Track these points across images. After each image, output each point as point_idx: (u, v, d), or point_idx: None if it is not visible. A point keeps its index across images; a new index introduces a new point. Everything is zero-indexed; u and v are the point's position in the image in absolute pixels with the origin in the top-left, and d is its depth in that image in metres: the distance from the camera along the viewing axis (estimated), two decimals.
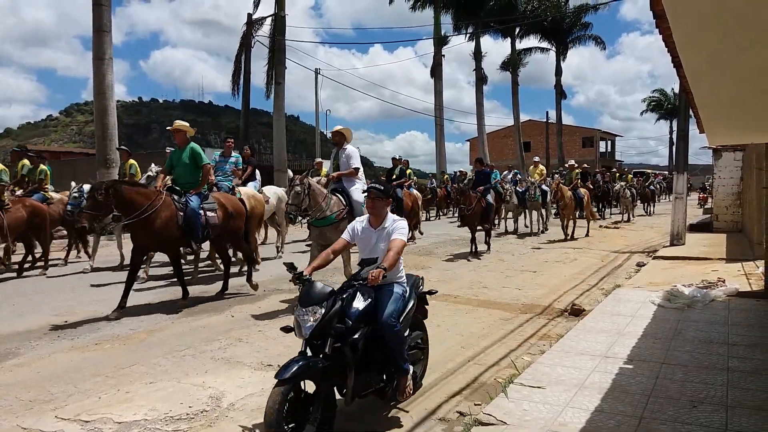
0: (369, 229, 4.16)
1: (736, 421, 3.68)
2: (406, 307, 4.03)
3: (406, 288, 4.09)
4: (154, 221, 6.99)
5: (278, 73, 25.81)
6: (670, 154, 57.64)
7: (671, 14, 2.69)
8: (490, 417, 3.78)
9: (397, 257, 3.88)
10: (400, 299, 3.94)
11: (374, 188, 4.14)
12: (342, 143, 8.06)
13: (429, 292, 4.54)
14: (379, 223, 4.14)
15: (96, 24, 16.10)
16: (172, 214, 7.23)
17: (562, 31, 40.94)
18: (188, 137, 8.02)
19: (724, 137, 9.19)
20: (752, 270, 9.28)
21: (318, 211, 7.29)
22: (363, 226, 4.21)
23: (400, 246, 3.93)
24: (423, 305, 4.49)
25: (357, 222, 4.26)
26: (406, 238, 4.04)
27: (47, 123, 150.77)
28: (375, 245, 4.10)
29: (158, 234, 7.08)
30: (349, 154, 7.96)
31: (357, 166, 7.98)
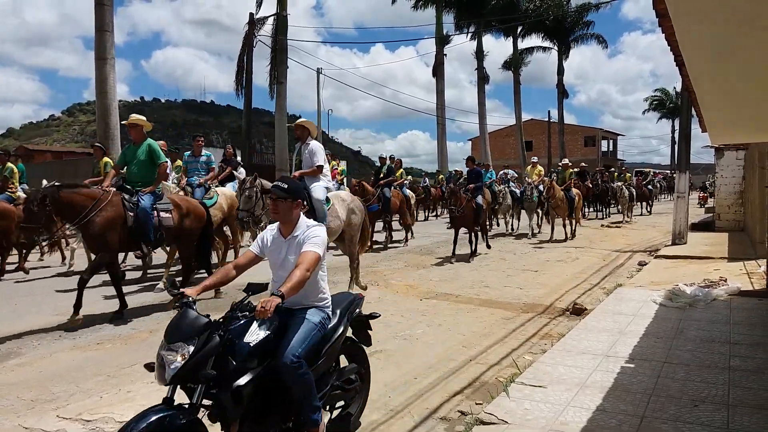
0: (279, 239, 3.43)
1: (737, 420, 3.67)
2: (329, 339, 3.37)
3: (327, 314, 3.41)
4: (98, 223, 6.44)
5: (280, 73, 25.83)
6: (672, 153, 57.59)
7: (674, 13, 2.69)
8: (492, 416, 3.78)
9: (305, 276, 3.10)
10: (315, 330, 3.24)
11: (276, 187, 3.41)
12: (305, 138, 7.53)
13: (370, 315, 3.89)
14: (290, 231, 3.39)
15: (98, 24, 16.10)
16: (119, 214, 6.65)
17: (564, 30, 40.85)
18: (145, 132, 7.47)
19: (726, 136, 9.18)
20: (754, 269, 9.27)
21: None
22: (273, 235, 3.46)
23: (311, 260, 3.17)
24: (365, 331, 3.87)
25: (268, 230, 3.52)
26: (322, 250, 3.29)
27: (49, 123, 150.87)
28: (285, 259, 3.37)
29: (102, 236, 6.50)
30: (312, 150, 7.43)
31: (320, 163, 7.43)
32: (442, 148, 34.68)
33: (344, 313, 3.57)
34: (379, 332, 6.18)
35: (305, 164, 7.47)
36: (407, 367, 5.12)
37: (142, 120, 7.55)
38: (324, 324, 3.34)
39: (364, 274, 9.86)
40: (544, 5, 37.06)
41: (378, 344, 5.75)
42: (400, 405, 4.25)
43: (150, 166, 7.26)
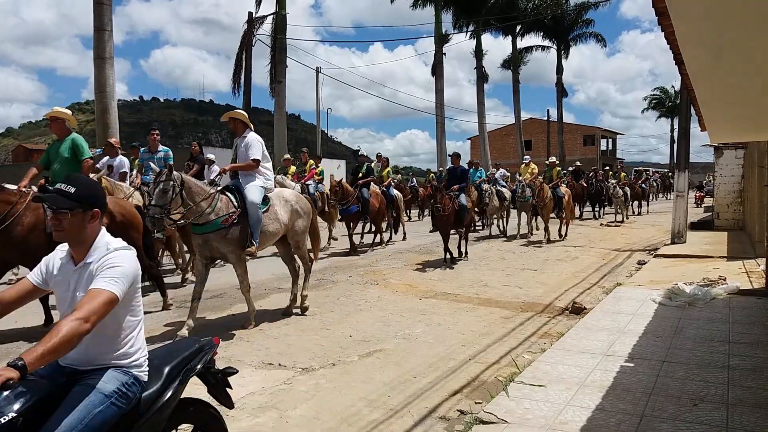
0: (68, 266, 2.45)
1: (737, 419, 3.67)
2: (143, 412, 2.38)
3: (135, 377, 2.38)
4: (14, 229, 5.75)
5: (279, 72, 25.82)
6: (671, 152, 57.60)
7: (673, 11, 2.68)
8: (491, 415, 3.78)
9: (80, 330, 2.09)
10: (103, 405, 2.22)
11: (57, 192, 2.37)
12: (241, 131, 6.76)
13: (225, 371, 2.82)
14: (82, 256, 2.40)
15: (97, 23, 16.07)
16: (39, 219, 5.87)
17: (563, 28, 40.89)
18: (69, 127, 6.80)
19: (725, 135, 9.18)
20: (753, 268, 9.27)
21: (197, 214, 5.95)
22: (62, 259, 2.48)
23: (96, 306, 2.16)
24: (222, 391, 2.80)
25: (58, 252, 2.52)
26: (120, 287, 2.26)
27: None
28: (73, 296, 2.37)
29: (20, 244, 5.78)
30: (248, 143, 6.63)
31: (256, 157, 6.56)
32: (441, 148, 34.68)
33: (178, 369, 2.55)
34: (378, 331, 6.21)
35: (240, 158, 6.71)
36: (407, 366, 5.12)
37: (65, 113, 6.88)
38: (125, 393, 2.32)
39: (363, 273, 9.87)
40: (543, 4, 37.11)
41: (377, 343, 5.77)
42: (400, 404, 4.25)
43: (74, 164, 6.59)
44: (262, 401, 4.26)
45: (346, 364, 5.14)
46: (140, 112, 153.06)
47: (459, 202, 10.91)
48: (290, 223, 6.91)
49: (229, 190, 6.48)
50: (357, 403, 4.25)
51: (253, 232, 6.26)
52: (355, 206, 12.25)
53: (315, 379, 4.74)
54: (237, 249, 6.24)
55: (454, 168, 11.84)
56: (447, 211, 10.54)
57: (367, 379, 4.76)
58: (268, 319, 6.68)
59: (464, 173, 11.82)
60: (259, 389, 4.48)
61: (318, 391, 4.48)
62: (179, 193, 5.80)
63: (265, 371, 4.92)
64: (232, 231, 6.13)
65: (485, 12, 34.63)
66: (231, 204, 6.28)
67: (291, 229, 6.96)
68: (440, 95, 34.05)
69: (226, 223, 6.09)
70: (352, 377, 4.82)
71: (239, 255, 6.30)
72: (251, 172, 6.58)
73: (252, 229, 6.26)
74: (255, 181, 6.53)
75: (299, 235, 7.08)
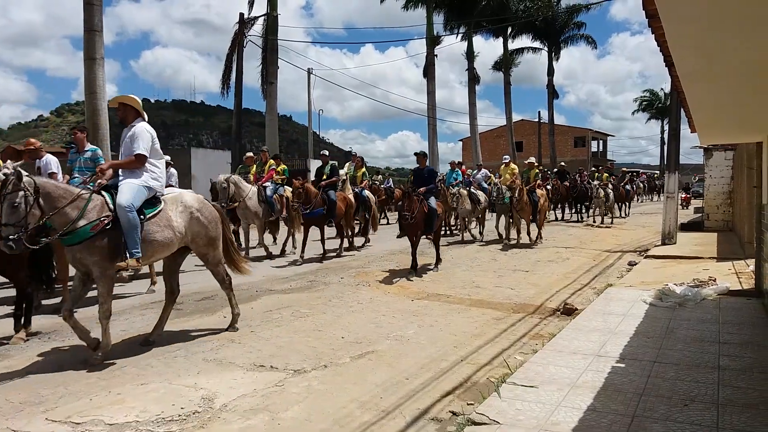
0: None
1: (727, 419, 3.69)
2: None
3: None
4: None
5: (270, 73, 25.79)
6: (662, 153, 57.95)
7: (664, 14, 2.70)
8: (483, 416, 3.78)
9: None
10: None
11: None
12: (130, 119, 5.65)
13: None
14: None
15: (87, 24, 15.98)
16: None
17: (554, 31, 41.07)
18: None
19: (715, 137, 9.25)
20: (743, 269, 9.34)
21: (65, 224, 4.92)
22: None
23: None
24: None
25: None
26: None
27: (38, 123, 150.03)
28: None
29: None
30: (134, 135, 5.51)
31: (141, 152, 5.45)
32: (432, 149, 34.69)
33: None
34: (370, 333, 6.20)
35: (124, 152, 5.58)
36: (399, 367, 5.11)
37: None
38: None
39: (356, 274, 9.86)
40: (534, 6, 37.23)
41: (369, 345, 5.76)
42: (392, 405, 4.24)
43: None
44: (253, 403, 4.24)
45: (338, 366, 5.13)
46: None
47: (428, 205, 10.07)
48: (189, 233, 5.78)
49: (107, 189, 5.36)
50: (349, 405, 4.24)
51: (128, 242, 5.12)
52: (320, 209, 11.45)
53: (307, 381, 4.73)
54: (103, 261, 5.08)
55: (420, 169, 10.77)
56: (416, 215, 9.73)
57: (359, 381, 4.76)
58: (259, 321, 6.66)
59: (431, 174, 10.79)
60: (250, 391, 4.46)
61: (310, 393, 4.47)
62: (35, 202, 4.76)
63: (256, 373, 4.90)
64: (101, 240, 5.03)
65: (477, 14, 34.71)
66: (104, 207, 5.17)
67: (192, 241, 5.86)
68: (432, 97, 34.09)
69: (96, 229, 5.00)
70: (344, 379, 4.81)
71: (105, 269, 5.12)
72: (135, 170, 5.47)
73: (126, 238, 5.12)
74: (137, 179, 5.40)
75: (205, 248, 5.97)
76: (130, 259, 5.14)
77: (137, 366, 5.08)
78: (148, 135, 5.57)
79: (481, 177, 18.04)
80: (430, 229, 10.30)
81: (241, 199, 11.56)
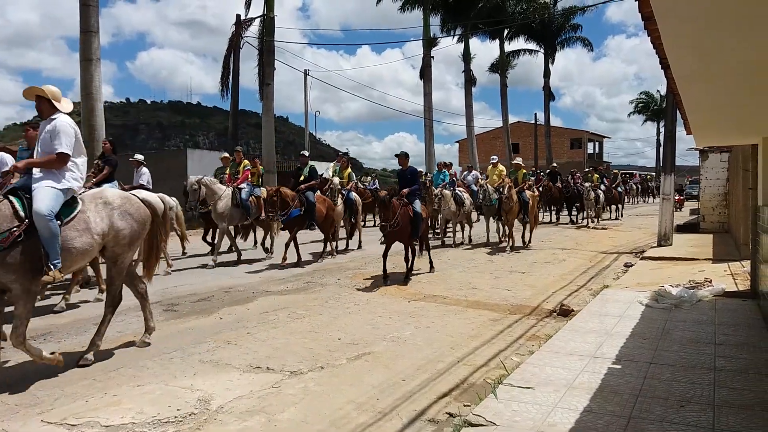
0: None
1: (723, 420, 3.70)
2: None
3: None
4: None
5: (267, 75, 25.80)
6: (657, 155, 58.19)
7: (660, 16, 2.71)
8: (480, 418, 3.78)
9: None
10: None
11: None
12: (48, 112, 5.04)
13: None
14: None
15: (83, 25, 15.97)
16: None
17: (550, 33, 41.17)
18: None
19: (711, 138, 9.27)
20: (738, 270, 9.37)
21: None
22: None
23: None
24: None
25: None
26: None
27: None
28: None
29: None
30: (55, 130, 4.92)
31: (63, 150, 4.88)
32: (429, 150, 34.73)
33: None
34: (367, 334, 6.20)
35: (42, 149, 4.97)
36: (395, 368, 5.11)
37: None
38: None
39: (352, 275, 9.86)
40: (530, 8, 37.32)
41: (366, 346, 5.76)
42: (388, 407, 4.24)
43: None
44: (249, 405, 4.24)
45: (335, 367, 5.12)
46: (127, 114, 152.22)
47: (413, 208, 9.44)
48: (110, 233, 5.18)
49: (14, 193, 4.73)
50: (345, 407, 4.24)
51: (49, 253, 4.60)
52: (296, 210, 10.78)
53: (303, 383, 4.72)
54: (23, 278, 4.53)
55: (402, 170, 10.06)
56: (401, 223, 9.11)
57: (356, 382, 4.75)
58: (256, 323, 6.65)
59: (414, 175, 10.07)
60: (247, 393, 4.45)
61: (306, 395, 4.46)
62: None
63: (253, 375, 4.90)
64: (14, 253, 4.43)
65: (473, 16, 34.77)
66: (13, 215, 4.55)
67: (114, 239, 5.23)
68: (428, 98, 34.10)
69: (6, 242, 4.39)
70: (340, 380, 4.81)
71: (27, 286, 4.57)
72: (55, 170, 4.90)
73: (47, 249, 4.60)
74: (54, 180, 4.83)
75: (120, 248, 5.31)
76: (54, 271, 4.63)
77: (133, 367, 5.06)
78: (72, 130, 5.00)
79: (471, 179, 17.67)
80: (416, 234, 9.60)
81: (213, 201, 11.17)
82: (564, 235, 16.41)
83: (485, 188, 14.00)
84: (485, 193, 13.88)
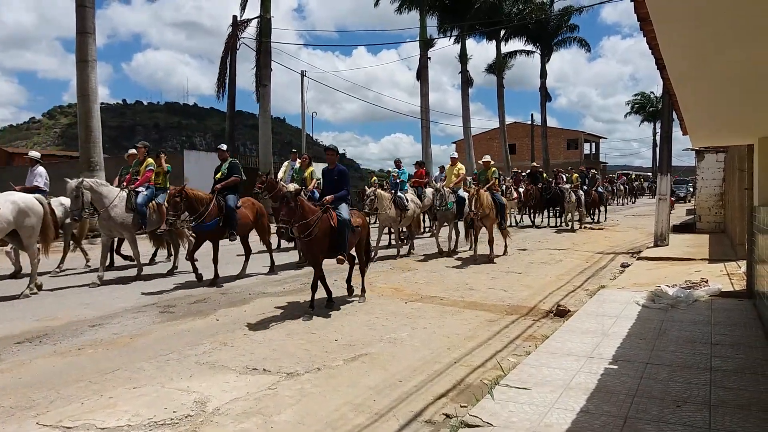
0: None
1: (719, 420, 3.71)
2: None
3: None
4: None
5: (264, 76, 25.80)
6: (654, 155, 58.40)
7: (655, 16, 2.71)
8: (476, 419, 3.77)
9: None
10: None
11: None
12: None
13: None
14: None
15: (79, 26, 15.96)
16: None
17: (546, 34, 41.24)
18: None
19: (707, 139, 9.29)
20: (734, 270, 9.38)
21: None
22: None
23: None
24: None
25: None
26: None
27: (29, 126, 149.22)
28: None
29: None
30: None
31: None
32: (426, 151, 34.73)
33: None
34: (364, 335, 6.20)
35: None
36: (392, 370, 5.11)
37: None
38: None
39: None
40: (527, 9, 37.38)
41: (363, 347, 5.75)
42: (385, 408, 4.24)
43: None
44: (246, 407, 4.23)
45: (332, 369, 5.12)
46: (124, 115, 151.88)
47: (338, 216, 7.43)
48: None
49: None
50: (342, 408, 4.23)
51: None
52: (213, 220, 9.12)
53: (300, 384, 4.72)
54: None
55: (329, 169, 7.92)
56: (315, 232, 7.15)
57: (353, 384, 4.75)
58: (253, 324, 6.63)
59: (343, 176, 7.85)
60: (243, 395, 4.44)
61: (303, 396, 4.46)
62: None
63: (249, 376, 4.89)
64: None
65: (470, 17, 34.81)
66: None
67: None
68: (425, 99, 34.12)
69: None
70: (337, 381, 4.80)
71: None
72: None
73: None
74: None
75: None
76: None
77: (129, 369, 5.05)
78: None
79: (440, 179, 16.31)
80: (341, 247, 7.45)
81: (104, 207, 9.41)
82: (561, 236, 16.45)
83: (442, 192, 12.29)
84: (441, 197, 12.18)
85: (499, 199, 12.18)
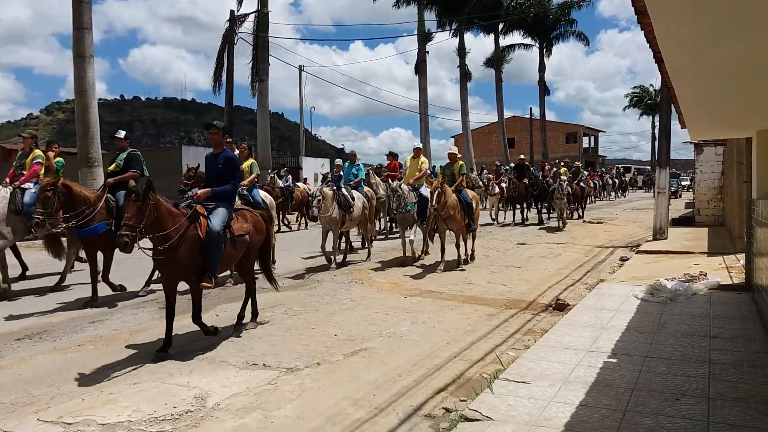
0: None
1: (717, 412, 3.72)
2: None
3: None
4: None
5: (261, 70, 25.77)
6: (653, 149, 58.24)
7: (653, 9, 2.71)
8: (476, 413, 3.79)
9: None
10: None
11: None
12: None
13: None
14: None
15: (76, 21, 15.89)
16: None
17: (545, 27, 41.17)
18: None
19: (705, 132, 9.29)
20: (733, 263, 9.40)
21: None
22: None
23: None
24: None
25: None
26: None
27: (27, 122, 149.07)
28: None
29: None
30: None
31: None
32: (424, 146, 34.69)
33: None
34: (363, 330, 6.21)
35: None
36: (392, 364, 5.12)
37: None
38: None
39: (348, 271, 9.86)
40: (525, 2, 37.31)
41: (362, 342, 5.76)
42: (385, 402, 4.25)
43: None
44: (246, 402, 4.24)
45: (331, 364, 5.13)
46: (122, 111, 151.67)
47: (209, 222, 5.51)
48: None
49: None
50: (342, 403, 4.25)
51: None
52: (102, 223, 7.44)
53: (300, 379, 4.73)
54: None
55: (213, 155, 6.13)
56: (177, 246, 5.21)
57: (352, 378, 4.76)
58: (252, 319, 6.63)
59: (230, 165, 6.05)
60: (243, 390, 4.45)
61: (303, 391, 4.47)
62: None
63: (249, 372, 4.90)
64: None
65: (468, 10, 34.75)
66: None
67: None
68: (423, 93, 34.11)
69: None
70: (337, 376, 4.81)
71: None
72: None
73: None
74: None
75: None
76: None
77: (130, 365, 5.06)
78: None
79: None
80: (209, 268, 5.48)
81: None
82: (559, 230, 16.45)
83: (399, 192, 10.20)
84: (399, 198, 10.16)
85: (465, 197, 10.56)
